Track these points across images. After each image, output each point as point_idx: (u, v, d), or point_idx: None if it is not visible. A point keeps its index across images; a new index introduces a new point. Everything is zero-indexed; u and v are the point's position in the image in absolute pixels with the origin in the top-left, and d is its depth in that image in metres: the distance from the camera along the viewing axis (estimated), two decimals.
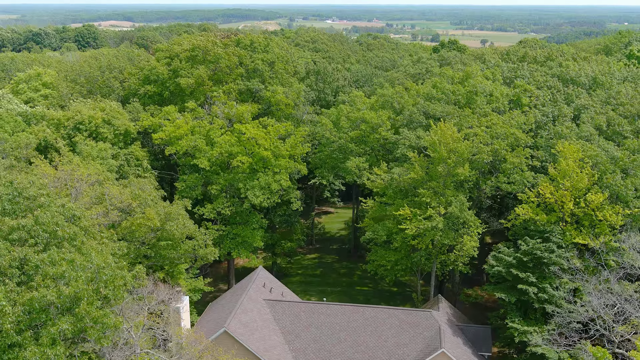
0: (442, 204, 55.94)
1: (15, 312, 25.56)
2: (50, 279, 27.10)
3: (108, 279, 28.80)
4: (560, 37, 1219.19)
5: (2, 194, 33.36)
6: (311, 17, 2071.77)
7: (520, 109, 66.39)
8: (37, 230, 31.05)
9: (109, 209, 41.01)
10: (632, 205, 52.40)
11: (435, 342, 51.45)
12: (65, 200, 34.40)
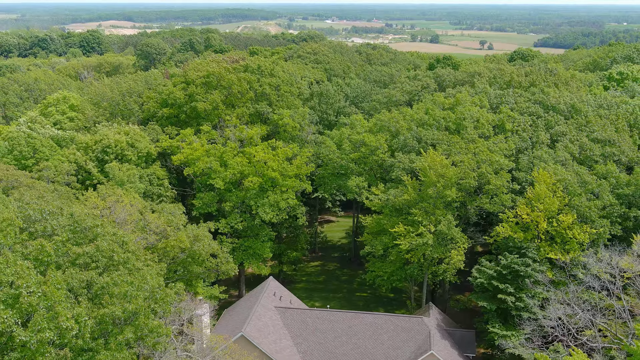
0: (432, 223, 63.34)
1: (90, 324, 32.79)
2: (115, 297, 34.35)
3: (160, 297, 36.15)
4: (558, 37, 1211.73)
5: (65, 225, 40.69)
6: (311, 17, 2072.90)
7: (504, 134, 73.75)
8: (97, 256, 38.38)
9: (148, 234, 48.38)
10: (597, 225, 59.75)
11: (425, 345, 58.82)
12: (115, 229, 41.71)
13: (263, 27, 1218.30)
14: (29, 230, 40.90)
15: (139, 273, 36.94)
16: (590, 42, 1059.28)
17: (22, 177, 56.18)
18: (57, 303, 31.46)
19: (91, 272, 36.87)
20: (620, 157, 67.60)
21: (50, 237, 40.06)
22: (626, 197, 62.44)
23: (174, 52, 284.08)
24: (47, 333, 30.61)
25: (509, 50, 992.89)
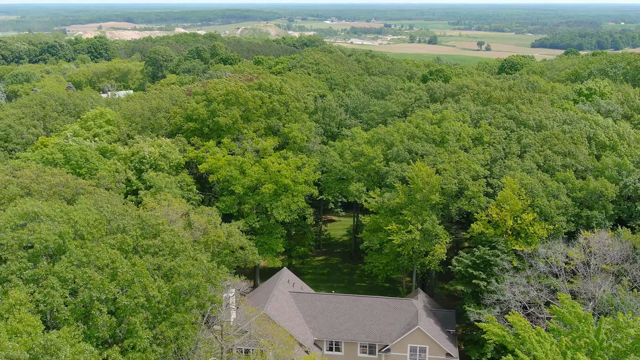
0: (419, 221, 76.33)
1: (166, 294, 45.68)
2: (182, 275, 47.18)
3: (213, 276, 49.00)
4: (555, 38, 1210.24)
5: (135, 224, 53.60)
6: (310, 18, 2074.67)
7: (482, 146, 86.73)
8: (162, 246, 51.32)
9: (193, 230, 61.17)
10: (555, 221, 72.75)
11: (413, 321, 71.79)
12: (172, 226, 54.59)
13: (263, 28, 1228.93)
14: (107, 228, 53.81)
15: (199, 258, 49.85)
16: (586, 43, 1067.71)
17: (86, 185, 69.04)
18: (145, 278, 44.38)
19: (160, 257, 49.80)
20: (577, 166, 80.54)
21: (122, 233, 52.98)
22: (579, 199, 75.46)
23: (180, 60, 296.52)
24: (140, 299, 43.51)
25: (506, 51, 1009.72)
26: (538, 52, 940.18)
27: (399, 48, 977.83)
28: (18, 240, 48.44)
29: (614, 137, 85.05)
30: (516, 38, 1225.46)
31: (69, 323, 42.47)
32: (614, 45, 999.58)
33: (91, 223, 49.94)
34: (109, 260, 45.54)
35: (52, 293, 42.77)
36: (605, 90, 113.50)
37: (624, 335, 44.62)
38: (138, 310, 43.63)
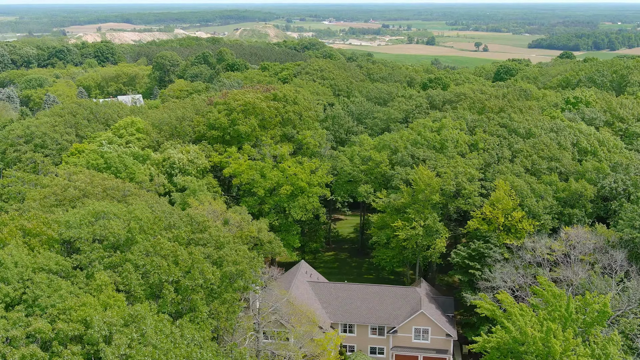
0: (422, 219, 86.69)
1: (218, 277, 56.02)
2: (230, 262, 57.45)
3: (255, 263, 59.37)
4: (552, 39, 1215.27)
5: (185, 221, 63.86)
6: (308, 18, 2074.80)
7: (477, 151, 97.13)
8: (209, 239, 61.62)
9: (230, 226, 71.37)
10: (542, 219, 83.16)
11: (417, 306, 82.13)
12: (216, 223, 64.86)
13: (261, 29, 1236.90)
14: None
15: (242, 248, 60.21)
16: (583, 44, 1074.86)
17: (132, 188, 79.23)
18: (201, 264, 54.73)
19: (209, 248, 60.13)
20: (561, 169, 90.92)
21: (175, 229, 63.23)
22: (562, 199, 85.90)
23: (187, 65, 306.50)
24: (199, 281, 53.88)
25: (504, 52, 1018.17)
26: (535, 52, 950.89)
27: (397, 49, 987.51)
28: (92, 235, 58.73)
29: (595, 144, 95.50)
30: (513, 38, 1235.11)
31: (142, 301, 52.71)
32: (610, 45, 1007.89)
33: (151, 220, 60.24)
34: (171, 250, 55.85)
35: (129, 276, 53.04)
36: (590, 99, 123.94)
37: (591, 310, 54.92)
38: (197, 290, 53.93)
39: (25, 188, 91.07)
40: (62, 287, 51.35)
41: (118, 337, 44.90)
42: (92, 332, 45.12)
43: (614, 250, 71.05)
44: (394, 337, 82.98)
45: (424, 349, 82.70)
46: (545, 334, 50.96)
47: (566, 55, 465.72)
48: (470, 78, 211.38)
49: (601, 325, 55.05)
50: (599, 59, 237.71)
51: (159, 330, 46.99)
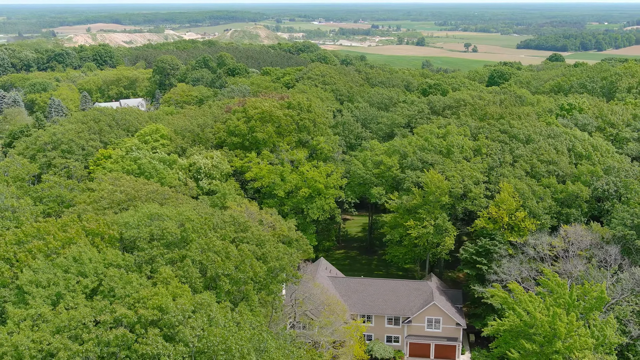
0: (432, 218, 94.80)
1: (264, 271, 63.79)
2: (274, 258, 65.16)
3: (294, 259, 67.08)
4: (540, 40, 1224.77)
5: (228, 221, 71.49)
6: (298, 19, 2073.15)
7: (480, 156, 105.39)
8: (251, 237, 69.33)
9: (265, 226, 79.06)
10: (542, 219, 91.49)
11: (430, 298, 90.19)
12: (254, 223, 72.61)
13: (252, 30, 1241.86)
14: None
15: (281, 246, 68.00)
16: (570, 44, 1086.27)
17: (169, 192, 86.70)
18: (251, 259, 62.46)
19: (252, 246, 67.88)
20: (559, 172, 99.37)
21: (218, 229, 70.83)
22: (560, 200, 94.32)
23: (188, 69, 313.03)
24: (250, 274, 61.62)
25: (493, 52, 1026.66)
26: (524, 53, 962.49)
27: (387, 50, 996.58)
28: (149, 234, 66.33)
29: (589, 149, 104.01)
30: (502, 39, 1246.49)
31: (200, 292, 60.34)
32: (597, 46, 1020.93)
33: (202, 221, 67.91)
34: (222, 247, 63.57)
35: (189, 270, 60.67)
36: (583, 105, 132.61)
37: (589, 297, 63.11)
38: (248, 282, 61.68)
39: (64, 191, 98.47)
40: (132, 279, 58.94)
41: (192, 321, 52.59)
42: (169, 316, 52.76)
43: (608, 246, 79.48)
44: (408, 326, 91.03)
45: (436, 337, 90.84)
46: (552, 318, 59.09)
47: (555, 57, 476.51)
48: (466, 82, 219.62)
49: (599, 310, 63.29)
50: (588, 64, 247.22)
51: (223, 316, 54.70)
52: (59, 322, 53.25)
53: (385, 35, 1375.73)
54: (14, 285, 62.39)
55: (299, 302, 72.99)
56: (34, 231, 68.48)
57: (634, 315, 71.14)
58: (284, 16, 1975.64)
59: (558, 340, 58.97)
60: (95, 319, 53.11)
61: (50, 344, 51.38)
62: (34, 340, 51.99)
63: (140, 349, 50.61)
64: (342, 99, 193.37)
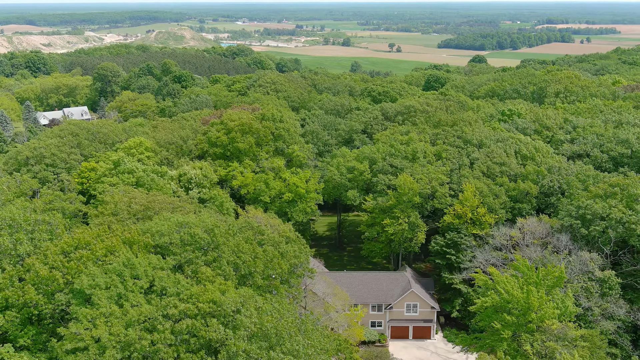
0: (406, 216, 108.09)
1: (286, 269, 74.75)
2: (291, 256, 76.16)
3: (304, 257, 78.46)
4: (459, 39, 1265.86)
5: (244, 226, 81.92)
6: (221, 18, 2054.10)
7: (441, 160, 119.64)
8: (267, 239, 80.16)
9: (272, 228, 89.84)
10: (499, 213, 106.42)
11: (407, 286, 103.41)
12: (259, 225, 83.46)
13: (177, 32, 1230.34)
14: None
15: (297, 246, 79.17)
16: (488, 44, 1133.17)
17: (177, 202, 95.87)
18: (277, 259, 73.40)
19: (267, 246, 78.76)
20: (510, 172, 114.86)
21: (239, 233, 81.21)
22: (513, 196, 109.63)
23: (131, 77, 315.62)
24: (278, 270, 72.54)
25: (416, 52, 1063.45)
26: (445, 52, 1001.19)
27: (315, 50, 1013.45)
28: (181, 240, 76.13)
29: (533, 151, 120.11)
30: (423, 38, 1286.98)
31: (236, 286, 70.80)
32: (513, 45, 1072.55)
33: (226, 226, 78.21)
34: (250, 249, 74.25)
35: (226, 269, 71.01)
36: (521, 111, 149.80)
37: (551, 277, 77.64)
38: (276, 277, 72.65)
39: (66, 204, 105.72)
40: (180, 279, 68.88)
41: (244, 310, 63.27)
42: (224, 307, 63.17)
43: (559, 234, 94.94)
44: (389, 312, 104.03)
45: (414, 320, 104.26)
46: (527, 294, 73.13)
47: (478, 58, 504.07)
48: (405, 87, 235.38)
49: (560, 286, 77.96)
50: (514, 69, 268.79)
51: (266, 305, 65.60)
52: (129, 318, 62.76)
53: (311, 36, 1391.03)
54: (68, 290, 71.15)
55: (309, 292, 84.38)
56: (75, 242, 76.91)
57: (582, 291, 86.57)
58: (206, 16, 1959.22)
59: (532, 312, 73.16)
60: (163, 313, 62.90)
61: (127, 336, 60.90)
62: (112, 333, 61.38)
63: (208, 335, 60.87)
64: (294, 106, 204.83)
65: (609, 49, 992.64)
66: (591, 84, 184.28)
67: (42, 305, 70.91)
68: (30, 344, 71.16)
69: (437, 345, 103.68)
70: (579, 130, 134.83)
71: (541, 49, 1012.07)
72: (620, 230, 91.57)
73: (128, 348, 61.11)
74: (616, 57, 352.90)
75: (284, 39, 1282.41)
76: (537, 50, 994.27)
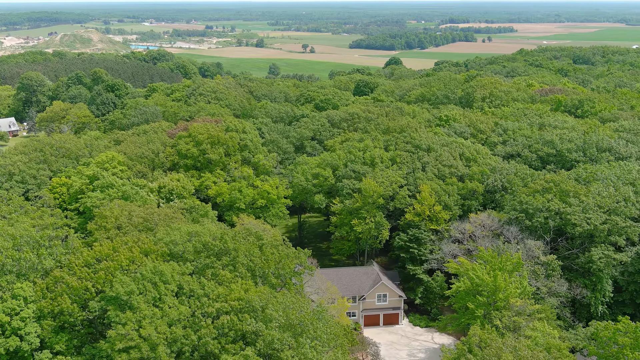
0: (372, 216, 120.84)
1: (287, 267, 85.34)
2: (293, 257, 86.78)
3: (303, 256, 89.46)
4: (370, 39, 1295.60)
5: (244, 233, 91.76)
6: (127, 19, 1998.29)
7: (397, 165, 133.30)
8: (268, 243, 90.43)
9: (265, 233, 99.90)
10: (452, 210, 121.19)
11: (378, 279, 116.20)
12: (257, 231, 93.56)
13: (84, 34, 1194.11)
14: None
15: (293, 250, 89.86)
16: (397, 44, 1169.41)
17: (171, 213, 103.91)
18: (287, 259, 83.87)
19: (271, 249, 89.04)
20: (457, 173, 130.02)
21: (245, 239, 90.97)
22: (463, 195, 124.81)
23: (59, 86, 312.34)
24: (287, 270, 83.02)
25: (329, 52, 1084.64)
26: (357, 52, 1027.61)
27: (229, 52, 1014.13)
28: (194, 248, 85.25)
29: (474, 153, 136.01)
30: (334, 39, 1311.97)
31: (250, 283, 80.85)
32: (420, 45, 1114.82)
33: (231, 234, 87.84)
34: (257, 252, 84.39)
35: (242, 271, 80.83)
36: (456, 116, 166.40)
37: (510, 263, 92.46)
38: (286, 275, 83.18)
39: (55, 219, 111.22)
40: (204, 282, 78.29)
41: (271, 305, 73.60)
42: (252, 304, 73.26)
43: (508, 226, 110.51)
44: (363, 302, 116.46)
45: (384, 308, 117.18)
46: (494, 278, 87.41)
47: (394, 60, 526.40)
48: (338, 92, 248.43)
49: (517, 270, 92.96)
50: (436, 73, 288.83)
51: (288, 300, 76.21)
52: (171, 318, 71.75)
53: (222, 37, 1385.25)
54: (99, 298, 78.96)
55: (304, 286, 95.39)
56: (96, 254, 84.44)
57: (531, 273, 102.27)
58: (111, 17, 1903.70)
59: (499, 292, 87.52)
60: (202, 311, 72.26)
61: (173, 333, 69.97)
62: (158, 331, 70.21)
63: (244, 327, 70.84)
64: (236, 114, 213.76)
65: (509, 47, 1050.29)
66: (512, 88, 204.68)
67: (76, 313, 78.26)
68: (64, 349, 78.39)
69: (405, 329, 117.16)
70: (510, 132, 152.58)
71: (447, 48, 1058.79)
72: (558, 220, 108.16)
73: (175, 344, 70.13)
74: (522, 59, 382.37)
75: (195, 40, 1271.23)
76: (444, 49, 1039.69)
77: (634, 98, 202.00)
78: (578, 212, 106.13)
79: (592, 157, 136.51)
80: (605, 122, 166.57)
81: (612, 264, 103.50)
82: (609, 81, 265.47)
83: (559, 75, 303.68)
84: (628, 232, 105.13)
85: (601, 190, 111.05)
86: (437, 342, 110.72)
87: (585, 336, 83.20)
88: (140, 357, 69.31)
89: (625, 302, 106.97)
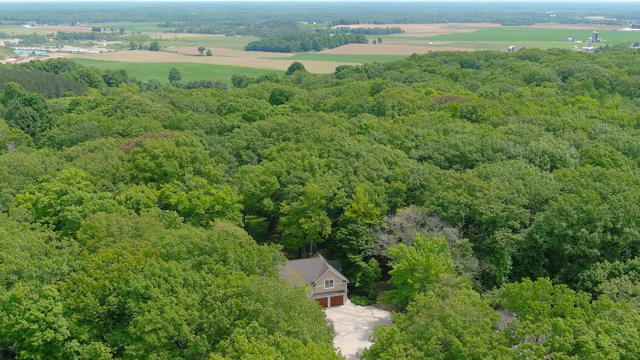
0: (316, 215, 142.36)
1: (263, 261, 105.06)
2: (269, 251, 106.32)
3: (276, 252, 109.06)
4: (265, 41, 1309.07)
5: (223, 235, 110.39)
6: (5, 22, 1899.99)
7: (332, 170, 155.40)
8: (245, 241, 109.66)
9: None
10: (382, 206, 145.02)
11: (325, 267, 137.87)
12: (233, 232, 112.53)
13: None
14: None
15: (267, 246, 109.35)
16: (293, 46, 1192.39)
17: (152, 221, 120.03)
18: (267, 253, 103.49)
19: (248, 246, 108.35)
20: (384, 175, 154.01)
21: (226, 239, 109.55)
22: (390, 193, 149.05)
23: None
24: (267, 262, 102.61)
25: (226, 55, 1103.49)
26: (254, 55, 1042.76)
27: (123, 56, 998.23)
28: (187, 249, 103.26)
29: (395, 157, 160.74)
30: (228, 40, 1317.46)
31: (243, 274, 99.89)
32: (315, 47, 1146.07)
33: (216, 236, 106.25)
34: (241, 251, 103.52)
35: (232, 264, 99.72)
36: (374, 124, 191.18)
37: (437, 245, 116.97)
38: (268, 265, 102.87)
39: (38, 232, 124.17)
40: (204, 275, 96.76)
41: (264, 289, 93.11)
42: (250, 289, 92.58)
43: (430, 217, 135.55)
44: (313, 288, 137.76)
45: (331, 292, 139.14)
46: (427, 259, 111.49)
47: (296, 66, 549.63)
48: (256, 101, 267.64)
49: (443, 251, 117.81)
50: (344, 82, 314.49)
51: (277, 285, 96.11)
52: (187, 303, 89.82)
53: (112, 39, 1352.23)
54: (116, 293, 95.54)
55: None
56: (102, 258, 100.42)
57: (451, 254, 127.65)
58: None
59: (431, 269, 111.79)
60: (213, 296, 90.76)
61: (191, 314, 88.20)
62: (179, 314, 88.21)
63: (246, 307, 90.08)
64: (165, 125, 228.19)
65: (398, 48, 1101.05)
66: (415, 97, 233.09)
67: (98, 307, 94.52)
68: (87, 338, 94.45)
69: (349, 308, 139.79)
70: (420, 138, 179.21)
71: (341, 50, 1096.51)
72: (467, 211, 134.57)
73: (193, 322, 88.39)
74: (416, 65, 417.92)
75: (83, 44, 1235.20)
76: (338, 51, 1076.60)
77: (517, 103, 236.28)
78: (483, 204, 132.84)
79: (489, 157, 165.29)
80: (496, 125, 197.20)
81: (510, 243, 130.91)
82: (494, 86, 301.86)
83: (451, 81, 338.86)
84: (521, 217, 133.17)
85: (499, 185, 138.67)
86: (376, 316, 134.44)
87: (500, 295, 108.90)
88: (166, 334, 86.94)
89: (521, 272, 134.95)
